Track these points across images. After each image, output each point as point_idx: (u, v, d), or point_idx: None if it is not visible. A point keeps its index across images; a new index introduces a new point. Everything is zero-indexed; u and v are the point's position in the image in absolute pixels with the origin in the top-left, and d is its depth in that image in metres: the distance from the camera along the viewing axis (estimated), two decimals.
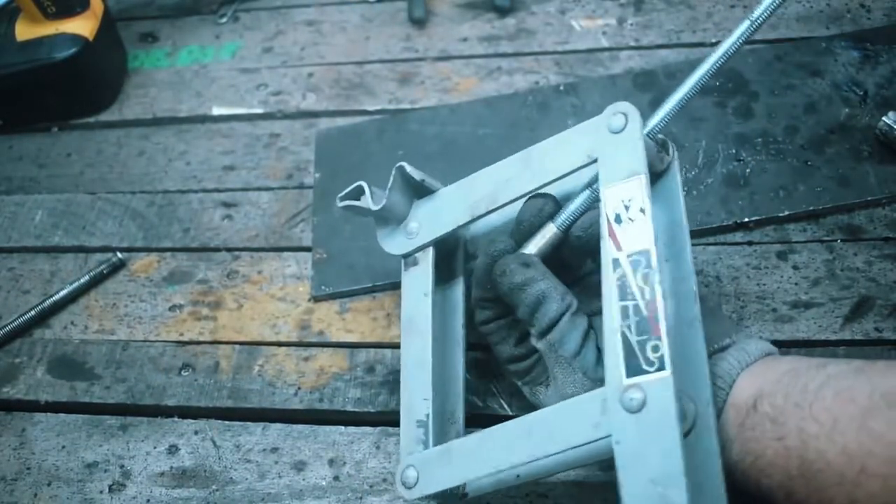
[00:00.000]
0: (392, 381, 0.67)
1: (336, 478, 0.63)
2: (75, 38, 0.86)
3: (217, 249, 0.78)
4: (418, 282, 0.61)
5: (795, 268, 0.68)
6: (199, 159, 0.86)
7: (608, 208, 0.52)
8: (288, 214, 0.80)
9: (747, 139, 0.76)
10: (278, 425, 0.67)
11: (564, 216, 0.58)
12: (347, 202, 0.63)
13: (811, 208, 0.71)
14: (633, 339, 0.48)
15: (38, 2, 0.85)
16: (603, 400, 0.48)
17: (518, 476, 0.55)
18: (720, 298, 0.67)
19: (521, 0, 0.94)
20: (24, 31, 0.87)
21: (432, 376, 0.58)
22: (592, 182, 0.57)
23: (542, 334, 0.55)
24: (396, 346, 0.69)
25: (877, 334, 0.64)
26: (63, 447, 0.68)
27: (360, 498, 0.62)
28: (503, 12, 0.93)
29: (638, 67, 0.84)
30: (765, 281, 0.68)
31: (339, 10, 0.97)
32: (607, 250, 0.51)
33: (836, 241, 0.70)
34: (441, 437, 0.58)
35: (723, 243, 0.71)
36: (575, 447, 0.49)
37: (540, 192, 0.58)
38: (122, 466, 0.66)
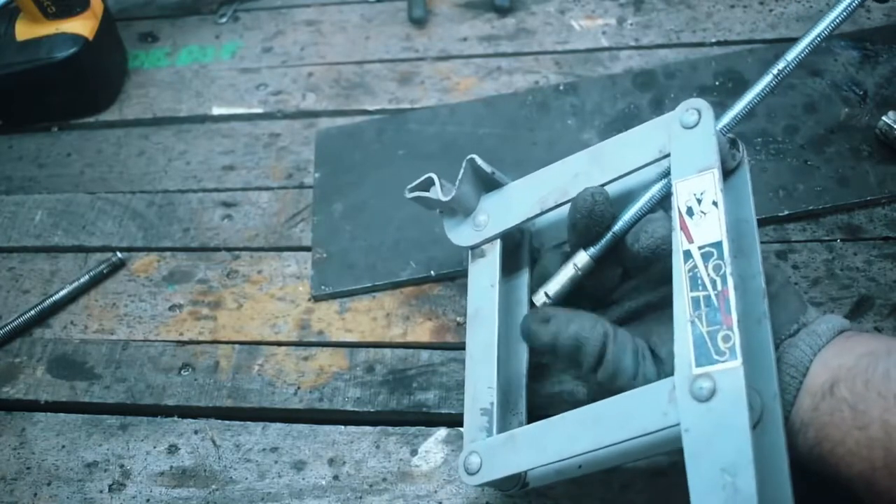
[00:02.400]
0: (392, 381, 0.68)
1: (336, 477, 0.63)
2: (75, 38, 0.86)
3: (217, 249, 0.78)
4: (485, 273, 0.61)
5: (795, 267, 0.69)
6: (198, 159, 0.86)
7: (680, 201, 0.53)
8: (288, 214, 0.80)
9: (747, 139, 0.76)
10: (278, 425, 0.67)
11: (621, 223, 0.57)
12: (416, 193, 0.63)
13: (811, 208, 0.71)
14: (704, 329, 0.48)
15: (38, 2, 0.85)
16: (671, 389, 0.48)
17: (580, 466, 0.55)
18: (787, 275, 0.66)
19: (521, 0, 0.94)
20: (24, 30, 0.87)
21: (497, 366, 0.58)
22: (648, 187, 0.57)
23: (593, 372, 0.55)
24: (396, 345, 0.70)
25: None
26: (63, 447, 0.68)
27: (360, 497, 0.62)
28: (503, 12, 0.93)
29: (638, 67, 0.84)
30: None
31: (339, 10, 0.97)
32: (678, 242, 0.52)
33: (835, 240, 0.70)
34: (504, 426, 0.58)
35: None
36: (641, 436, 0.49)
37: (592, 188, 0.58)
38: (121, 466, 0.66)
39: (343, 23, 0.96)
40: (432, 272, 0.72)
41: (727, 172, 0.58)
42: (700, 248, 0.51)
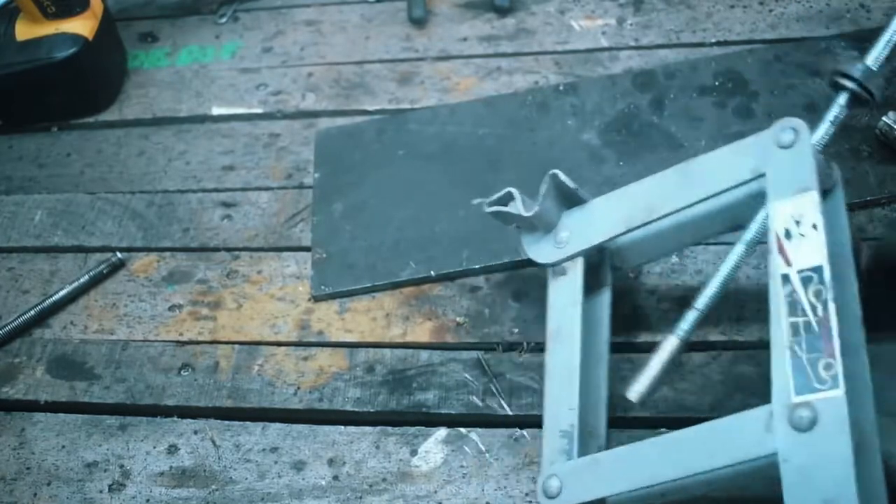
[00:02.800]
0: (392, 381, 0.68)
1: (335, 477, 0.63)
2: (75, 38, 0.86)
3: (216, 249, 0.78)
4: (567, 291, 0.60)
5: None
6: (198, 159, 0.86)
7: (777, 223, 0.51)
8: (287, 214, 0.80)
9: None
10: (278, 425, 0.67)
11: (705, 299, 0.56)
12: (496, 208, 0.62)
13: None
14: (804, 356, 0.47)
15: (38, 2, 0.85)
16: (768, 417, 0.46)
17: (663, 495, 0.54)
18: None
19: (521, 0, 0.94)
20: (24, 30, 0.87)
21: (579, 388, 0.57)
22: (725, 259, 0.56)
23: None
24: (395, 345, 0.70)
25: None
26: (63, 447, 0.68)
27: (360, 497, 0.62)
28: (503, 12, 0.93)
29: (637, 67, 0.84)
30: (765, 281, 0.68)
31: (338, 10, 0.97)
32: (776, 266, 0.50)
33: None
34: (584, 450, 0.56)
35: (723, 243, 0.71)
36: (734, 465, 0.48)
37: None
38: (121, 466, 0.66)
39: (343, 23, 0.96)
40: (432, 272, 0.72)
41: (822, 193, 0.56)
42: (799, 272, 0.49)
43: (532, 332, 0.68)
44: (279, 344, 0.71)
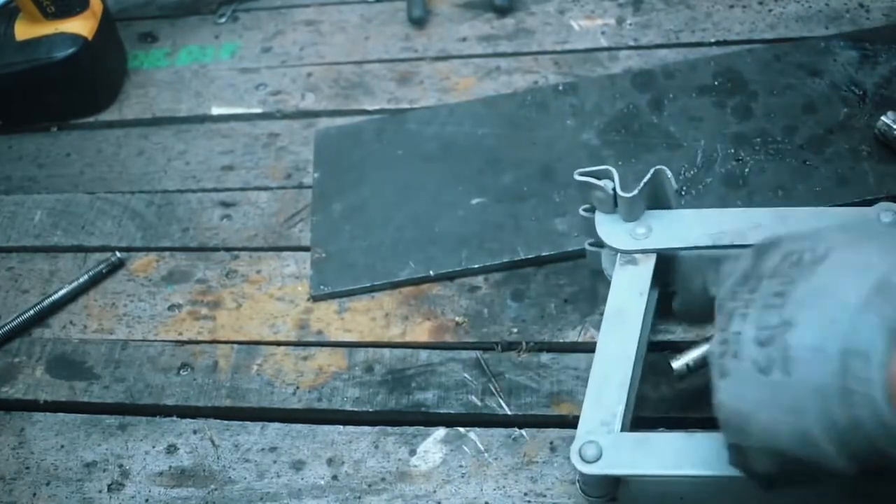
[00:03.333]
0: (391, 381, 0.68)
1: (335, 477, 0.63)
2: (75, 38, 0.86)
3: (216, 249, 0.78)
4: (635, 280, 0.61)
5: None
6: (198, 159, 0.86)
7: None
8: (287, 214, 0.80)
9: (746, 139, 0.76)
10: (277, 425, 0.67)
11: None
12: (588, 178, 0.61)
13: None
14: None
15: (37, 2, 0.85)
16: None
17: (682, 499, 0.56)
18: None
19: (521, 0, 0.94)
20: (24, 30, 0.87)
21: (633, 369, 0.58)
22: None
23: None
24: (395, 345, 0.70)
25: None
26: (62, 447, 0.68)
27: (359, 497, 0.62)
28: (502, 12, 0.93)
29: (637, 67, 0.84)
30: None
31: (338, 10, 0.97)
32: None
33: None
34: (623, 428, 0.57)
35: None
36: None
37: None
38: (120, 466, 0.66)
39: (342, 23, 0.96)
40: (431, 272, 0.72)
41: None
42: None
43: (531, 332, 0.68)
44: (278, 344, 0.71)
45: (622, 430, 0.56)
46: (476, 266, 0.72)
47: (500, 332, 0.69)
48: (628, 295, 0.61)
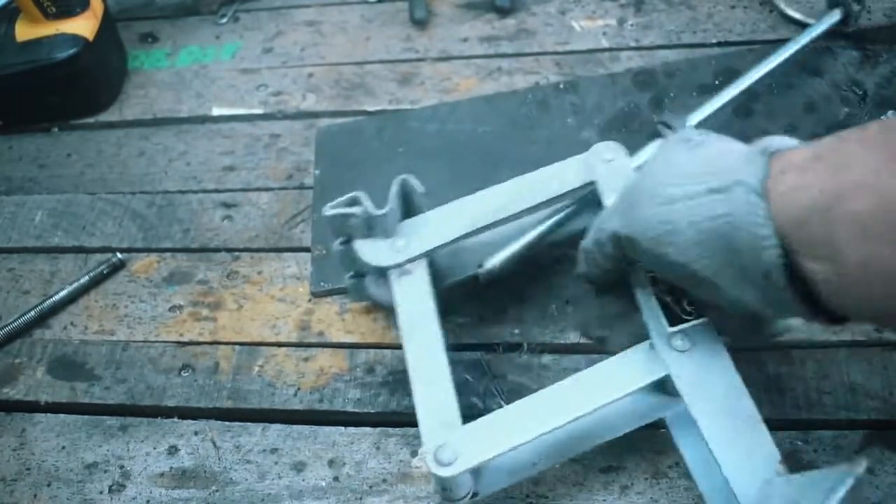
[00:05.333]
0: (392, 382, 0.67)
1: (336, 478, 0.63)
2: (75, 39, 0.86)
3: (217, 250, 0.78)
4: (415, 289, 0.62)
5: None
6: (199, 160, 0.86)
7: None
8: (288, 215, 0.80)
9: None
10: (278, 426, 0.67)
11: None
12: (339, 210, 0.62)
13: None
14: (667, 298, 0.56)
15: (38, 2, 0.85)
16: (647, 349, 0.55)
17: (534, 464, 0.57)
18: None
19: (522, 0, 0.94)
20: (24, 31, 0.87)
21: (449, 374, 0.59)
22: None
23: None
24: (396, 346, 0.69)
25: (877, 335, 0.64)
26: (63, 448, 0.68)
27: (360, 498, 0.62)
28: (504, 13, 0.93)
29: (638, 68, 0.84)
30: None
31: (339, 11, 0.97)
32: None
33: None
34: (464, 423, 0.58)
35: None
36: (629, 393, 0.54)
37: None
38: (121, 467, 0.66)
39: (343, 23, 0.96)
40: None
41: None
42: None
43: (533, 333, 0.68)
44: (279, 345, 0.71)
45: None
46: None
47: (502, 334, 0.69)
48: (416, 302, 0.62)
